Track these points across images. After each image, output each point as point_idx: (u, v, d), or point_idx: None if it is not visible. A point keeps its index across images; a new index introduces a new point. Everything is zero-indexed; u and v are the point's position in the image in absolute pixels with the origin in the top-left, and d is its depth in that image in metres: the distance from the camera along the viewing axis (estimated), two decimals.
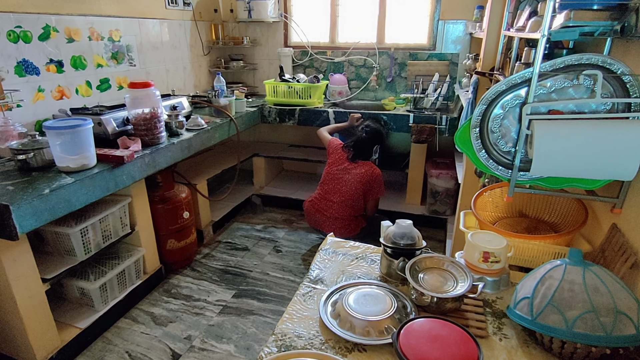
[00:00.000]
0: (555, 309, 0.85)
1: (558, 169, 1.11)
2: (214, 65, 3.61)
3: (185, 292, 2.38)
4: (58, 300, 2.07)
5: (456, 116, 2.77)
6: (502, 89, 1.14)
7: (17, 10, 1.97)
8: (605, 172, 1.07)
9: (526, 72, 1.11)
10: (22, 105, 2.01)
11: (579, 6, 1.04)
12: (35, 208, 1.49)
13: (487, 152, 1.22)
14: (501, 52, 1.97)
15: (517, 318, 0.93)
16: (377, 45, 3.38)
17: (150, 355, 1.92)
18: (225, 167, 3.14)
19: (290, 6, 3.57)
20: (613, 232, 1.17)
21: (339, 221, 2.59)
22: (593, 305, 0.82)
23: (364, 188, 2.58)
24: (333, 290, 1.10)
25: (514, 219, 1.55)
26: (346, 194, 2.57)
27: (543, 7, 1.38)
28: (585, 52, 1.49)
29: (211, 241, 2.96)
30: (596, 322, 0.81)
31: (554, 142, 1.07)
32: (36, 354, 1.72)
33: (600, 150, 1.04)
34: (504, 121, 1.18)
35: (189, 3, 3.19)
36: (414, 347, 0.84)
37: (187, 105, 2.71)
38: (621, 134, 1.02)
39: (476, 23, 2.76)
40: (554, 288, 0.87)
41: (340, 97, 3.40)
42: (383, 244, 1.19)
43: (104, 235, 2.01)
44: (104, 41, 2.48)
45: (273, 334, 0.98)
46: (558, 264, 0.93)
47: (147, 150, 2.05)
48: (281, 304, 2.28)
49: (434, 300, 0.99)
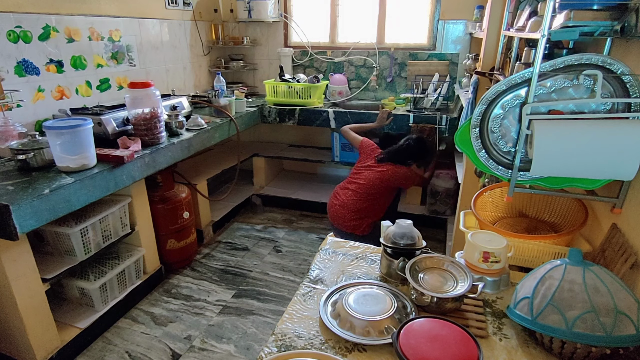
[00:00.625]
0: (555, 309, 0.85)
1: (558, 169, 1.11)
2: (214, 65, 3.61)
3: (185, 292, 2.38)
4: (58, 300, 2.07)
5: (456, 116, 2.77)
6: (502, 89, 1.14)
7: (17, 10, 1.97)
8: (605, 172, 1.07)
9: (526, 72, 1.11)
10: (22, 105, 2.01)
11: (579, 6, 1.04)
12: (35, 208, 1.49)
13: (487, 152, 1.22)
14: (501, 52, 1.97)
15: (517, 318, 0.93)
16: (377, 45, 3.38)
17: (150, 355, 1.92)
18: (225, 167, 3.15)
19: (290, 6, 3.57)
20: (613, 232, 1.17)
21: (346, 209, 2.51)
22: (593, 305, 0.82)
23: (384, 185, 2.49)
24: (333, 290, 1.10)
25: (514, 219, 1.55)
26: (362, 187, 2.50)
27: (543, 7, 1.38)
28: (585, 52, 1.49)
29: (211, 241, 2.96)
30: (596, 322, 0.81)
31: (554, 142, 1.07)
32: (36, 354, 1.72)
33: (600, 150, 1.04)
34: (504, 121, 1.18)
35: (189, 3, 3.19)
36: (414, 347, 0.84)
37: (187, 105, 2.71)
38: (621, 134, 1.02)
39: (476, 23, 2.76)
40: (554, 288, 0.87)
41: (340, 97, 3.39)
42: (383, 244, 1.19)
43: (104, 235, 2.01)
44: (104, 41, 2.48)
45: (273, 334, 0.98)
46: (558, 264, 0.93)
47: (147, 150, 2.05)
48: (281, 304, 2.28)
49: (434, 300, 0.99)
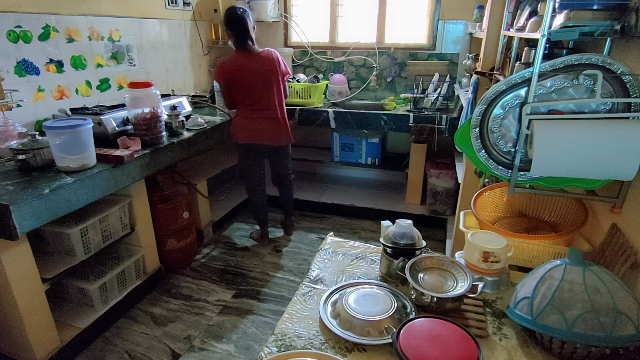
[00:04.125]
0: (555, 309, 0.85)
1: (558, 168, 1.11)
2: (214, 65, 3.61)
3: (185, 292, 2.38)
4: (58, 300, 2.06)
5: (456, 116, 2.77)
6: (502, 88, 1.15)
7: (17, 10, 1.97)
8: (605, 172, 1.07)
9: (526, 72, 1.11)
10: (22, 105, 2.01)
11: (579, 6, 1.04)
12: (35, 208, 1.49)
13: (487, 152, 1.22)
14: (501, 52, 1.97)
15: (517, 318, 0.93)
16: (377, 45, 3.38)
17: (150, 355, 1.92)
18: (225, 167, 3.14)
19: (290, 6, 3.57)
20: (613, 232, 1.17)
21: (278, 123, 2.60)
22: (593, 305, 0.82)
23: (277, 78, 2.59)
24: (333, 290, 1.10)
25: (514, 219, 1.55)
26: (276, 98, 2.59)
27: (543, 7, 1.38)
28: (585, 52, 1.49)
29: (211, 241, 2.96)
30: (596, 322, 0.81)
31: (553, 142, 1.07)
32: (36, 354, 1.72)
33: (600, 151, 1.04)
34: (504, 121, 1.18)
35: (189, 3, 3.19)
36: (414, 347, 0.84)
37: (187, 105, 2.72)
38: (621, 134, 1.02)
39: (476, 23, 2.76)
40: (554, 288, 0.88)
41: (340, 97, 3.39)
42: (383, 243, 1.19)
43: (104, 235, 2.01)
44: (104, 41, 2.48)
45: (273, 334, 0.98)
46: (558, 263, 0.93)
47: (147, 150, 2.05)
48: (281, 304, 2.28)
49: (434, 300, 0.99)
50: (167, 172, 2.38)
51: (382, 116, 2.95)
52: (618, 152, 1.02)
